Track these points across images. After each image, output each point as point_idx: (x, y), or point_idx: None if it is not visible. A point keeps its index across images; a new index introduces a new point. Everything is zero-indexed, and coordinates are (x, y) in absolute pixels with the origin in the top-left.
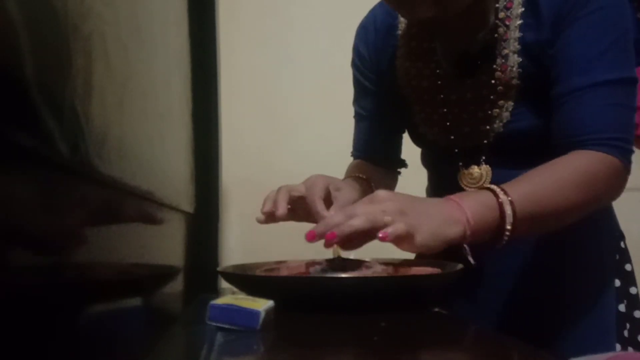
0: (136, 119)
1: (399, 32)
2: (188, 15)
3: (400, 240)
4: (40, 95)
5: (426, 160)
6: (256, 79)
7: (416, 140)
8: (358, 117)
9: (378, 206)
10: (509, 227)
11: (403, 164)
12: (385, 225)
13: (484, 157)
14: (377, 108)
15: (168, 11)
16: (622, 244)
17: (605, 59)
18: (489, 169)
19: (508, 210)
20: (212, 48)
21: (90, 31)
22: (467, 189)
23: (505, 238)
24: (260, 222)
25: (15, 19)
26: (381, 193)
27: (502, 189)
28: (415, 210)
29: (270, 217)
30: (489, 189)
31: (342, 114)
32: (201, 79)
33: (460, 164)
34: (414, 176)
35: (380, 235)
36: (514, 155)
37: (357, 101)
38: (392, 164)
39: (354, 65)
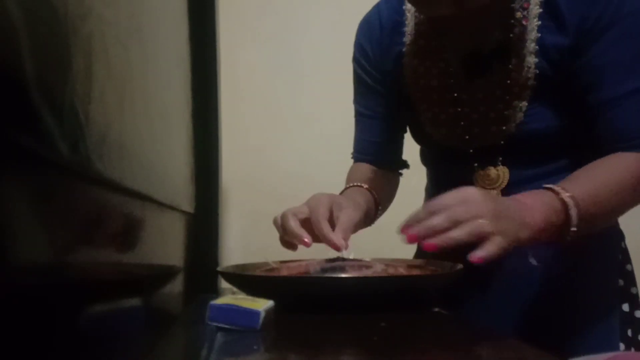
0: (136, 119)
1: (406, 29)
2: (188, 15)
3: (486, 258)
4: (40, 95)
5: (429, 160)
6: (256, 79)
7: (420, 140)
8: (359, 116)
9: (474, 208)
10: (573, 229)
11: (405, 164)
12: (486, 236)
13: (500, 158)
14: (381, 107)
15: (168, 11)
16: (622, 244)
17: None
18: (506, 169)
19: (574, 213)
20: (212, 48)
21: (90, 31)
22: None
23: (568, 239)
24: (289, 248)
25: (15, 18)
26: (472, 191)
27: (567, 191)
28: (505, 213)
29: (292, 246)
30: (552, 190)
31: (343, 113)
32: (201, 79)
33: (476, 164)
34: (413, 176)
35: (472, 259)
36: (528, 156)
37: (358, 100)
38: (395, 166)
39: (356, 61)
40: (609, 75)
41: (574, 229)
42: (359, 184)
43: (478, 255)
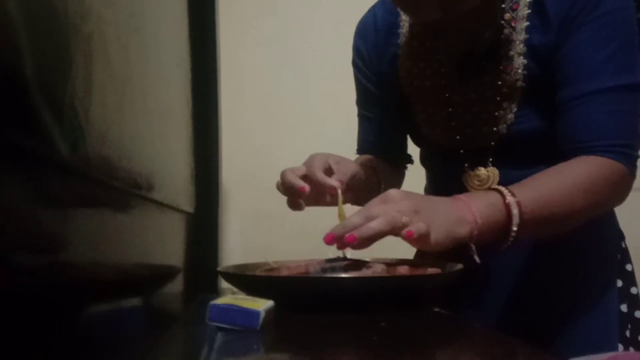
0: (136, 119)
1: (400, 30)
2: (188, 15)
3: (419, 238)
4: (40, 95)
5: (426, 160)
6: (256, 79)
7: (417, 140)
8: (361, 117)
9: (392, 205)
10: (515, 228)
11: (409, 159)
12: (404, 226)
13: (491, 159)
14: (380, 109)
15: (168, 11)
16: (622, 244)
17: (611, 64)
18: (496, 170)
19: (515, 211)
20: (212, 48)
21: (90, 31)
22: (473, 190)
23: (511, 239)
24: (296, 209)
25: (15, 18)
26: (393, 192)
27: (509, 190)
28: (428, 209)
29: (297, 203)
30: (496, 189)
31: (343, 113)
32: (201, 79)
33: (466, 165)
34: (413, 175)
35: (405, 234)
36: (519, 157)
37: (358, 101)
38: (399, 161)
39: (355, 65)
40: (578, 73)
41: (515, 227)
42: (362, 162)
43: (410, 229)
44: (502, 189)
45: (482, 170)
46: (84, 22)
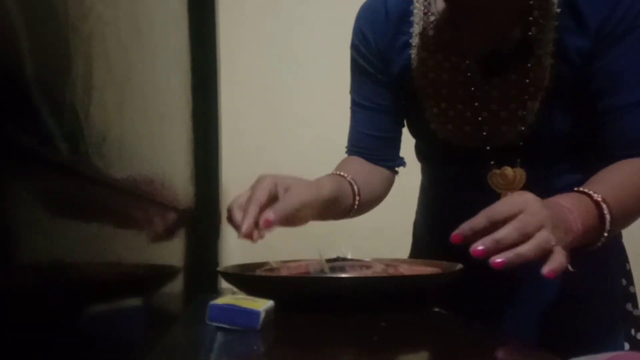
0: (136, 119)
1: (414, 18)
2: (188, 15)
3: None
4: (40, 95)
5: (428, 157)
6: (256, 79)
7: (423, 137)
8: (357, 106)
9: (537, 217)
10: (606, 234)
11: (402, 162)
12: (550, 252)
13: (519, 160)
14: (381, 98)
15: (168, 11)
16: (621, 242)
17: None
18: (523, 170)
19: (608, 218)
20: (212, 48)
21: (90, 31)
22: (497, 190)
23: (599, 244)
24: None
25: (15, 19)
26: (533, 203)
27: (602, 197)
28: (556, 220)
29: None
30: (585, 193)
31: (344, 113)
32: (201, 79)
33: (492, 163)
34: (412, 174)
35: (547, 274)
36: (542, 157)
37: (355, 89)
38: (391, 163)
39: (355, 48)
40: (625, 82)
41: (606, 233)
42: (339, 172)
43: (550, 269)
44: (594, 194)
45: (508, 170)
46: (84, 22)
